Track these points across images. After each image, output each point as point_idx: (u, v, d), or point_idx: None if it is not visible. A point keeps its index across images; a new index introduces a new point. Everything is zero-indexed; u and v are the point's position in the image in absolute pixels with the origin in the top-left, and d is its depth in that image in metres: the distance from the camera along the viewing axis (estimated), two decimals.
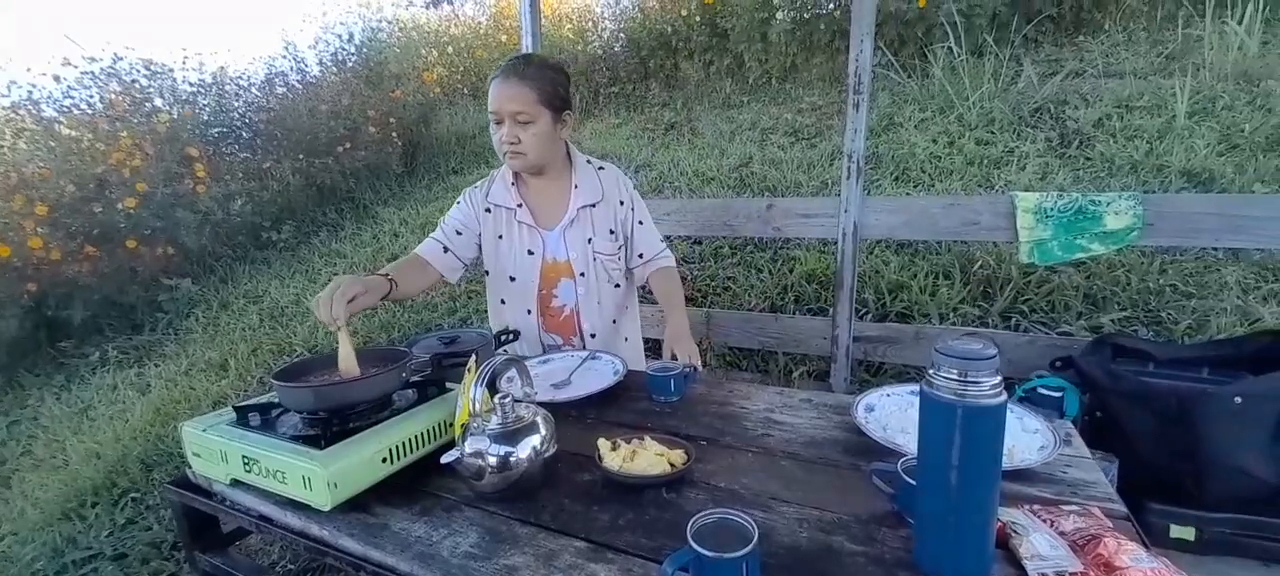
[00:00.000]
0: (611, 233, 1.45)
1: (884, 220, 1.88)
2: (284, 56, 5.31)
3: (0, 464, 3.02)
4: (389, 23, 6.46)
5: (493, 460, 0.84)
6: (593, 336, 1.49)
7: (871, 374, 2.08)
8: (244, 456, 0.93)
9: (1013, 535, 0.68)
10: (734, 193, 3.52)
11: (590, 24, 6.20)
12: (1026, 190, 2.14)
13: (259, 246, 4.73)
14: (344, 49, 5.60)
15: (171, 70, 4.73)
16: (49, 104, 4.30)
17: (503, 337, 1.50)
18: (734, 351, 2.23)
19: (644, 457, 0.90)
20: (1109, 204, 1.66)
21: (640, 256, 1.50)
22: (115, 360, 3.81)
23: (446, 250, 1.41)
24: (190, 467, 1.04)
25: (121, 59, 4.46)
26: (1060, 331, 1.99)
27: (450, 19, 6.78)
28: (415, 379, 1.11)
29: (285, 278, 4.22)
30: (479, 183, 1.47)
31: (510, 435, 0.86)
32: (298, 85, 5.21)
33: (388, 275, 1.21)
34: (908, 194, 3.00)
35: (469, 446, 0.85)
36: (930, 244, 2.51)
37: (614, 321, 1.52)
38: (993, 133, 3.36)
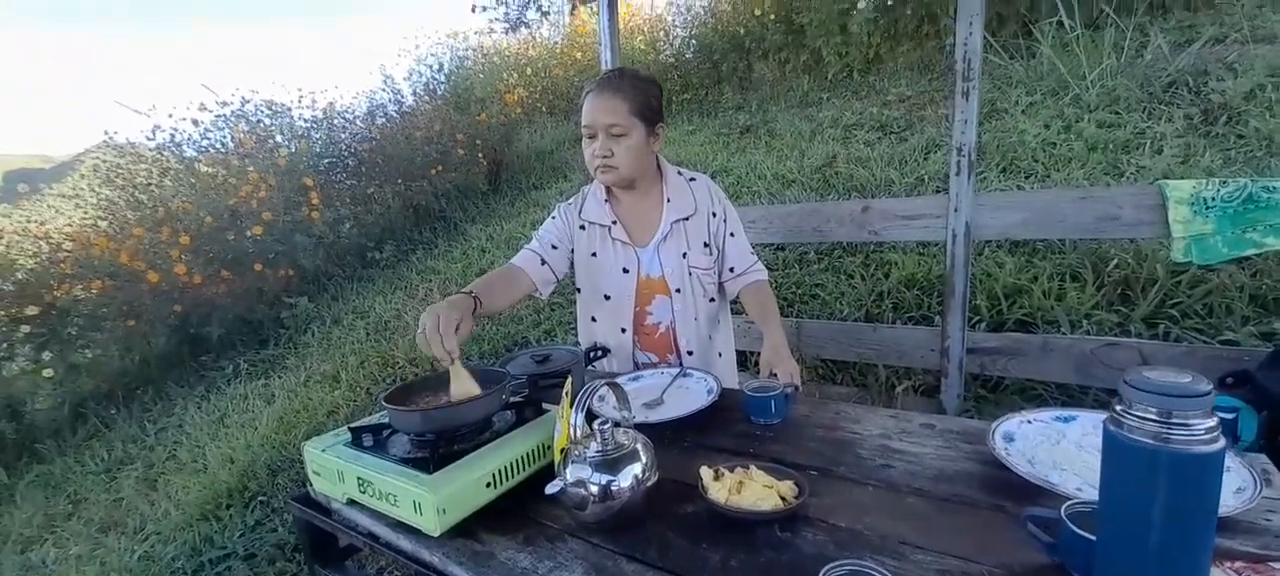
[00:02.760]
0: (705, 246, 1.41)
1: (1000, 218, 1.69)
2: (383, 89, 5.74)
3: (149, 467, 3.41)
4: (473, 50, 6.82)
5: (594, 489, 0.82)
6: (690, 353, 1.45)
7: (989, 390, 1.88)
8: (359, 477, 0.96)
9: None
10: (818, 195, 3.36)
11: (661, 33, 6.21)
12: (1166, 176, 1.86)
13: (365, 265, 5.12)
14: (434, 78, 5.97)
15: (289, 109, 5.24)
16: (189, 144, 4.89)
17: (592, 355, 1.49)
18: (828, 364, 2.09)
19: (751, 490, 0.84)
20: None
21: (732, 270, 1.45)
22: (246, 372, 4.23)
23: (543, 263, 1.41)
24: (311, 485, 1.10)
25: (248, 102, 5.00)
26: (1223, 340, 1.70)
27: (528, 42, 7.06)
28: (513, 400, 1.11)
29: (387, 294, 4.53)
30: (571, 199, 1.47)
31: (611, 463, 0.83)
32: (395, 115, 5.62)
33: (473, 293, 1.21)
34: (1019, 187, 2.72)
35: (570, 474, 0.83)
36: (1052, 243, 2.25)
37: (709, 337, 1.47)
38: (1118, 113, 2.98)
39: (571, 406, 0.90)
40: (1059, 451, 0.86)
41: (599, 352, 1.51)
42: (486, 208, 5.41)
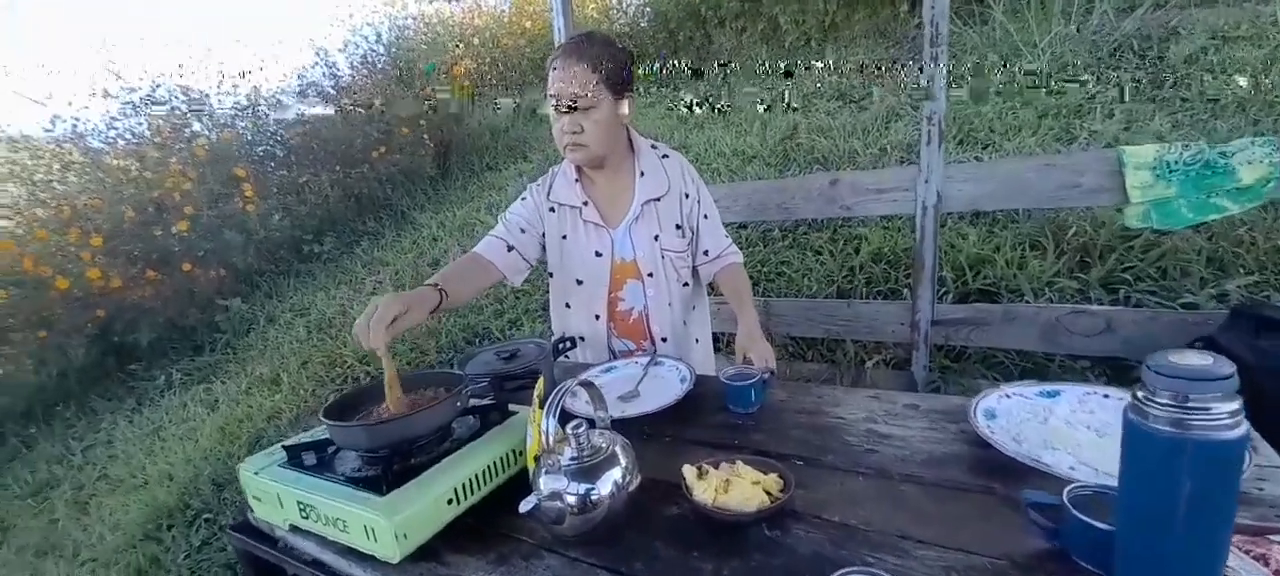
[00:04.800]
0: (678, 227, 1.33)
1: (968, 189, 1.68)
2: (316, 65, 5.35)
3: (78, 488, 3.14)
4: (413, 20, 6.43)
5: (572, 499, 0.74)
6: (664, 340, 1.38)
7: (953, 360, 1.90)
8: (299, 502, 0.86)
9: None
10: (779, 170, 3.33)
11: (615, 1, 6.02)
12: (1117, 141, 1.90)
13: (302, 260, 4.81)
14: (373, 50, 5.60)
15: (207, 95, 4.82)
16: (94, 136, 4.44)
17: (561, 347, 1.40)
18: (797, 342, 2.07)
19: (739, 487, 0.78)
20: (1240, 152, 1.42)
21: (706, 253, 1.38)
22: (180, 382, 3.94)
23: (510, 249, 1.31)
24: (251, 510, 0.98)
25: (159, 86, 4.57)
26: (1184, 303, 1.75)
27: (473, 10, 6.71)
28: (475, 403, 1.02)
29: (330, 289, 4.28)
30: (540, 178, 1.37)
31: (588, 470, 0.76)
32: (331, 92, 5.24)
33: (438, 285, 1.11)
34: (977, 158, 2.76)
35: (545, 485, 0.76)
36: (1009, 212, 2.28)
37: (684, 323, 1.41)
38: (1069, 80, 3.06)
39: (542, 410, 0.82)
40: (1048, 429, 0.84)
41: (568, 343, 1.43)
42: (437, 193, 5.17)
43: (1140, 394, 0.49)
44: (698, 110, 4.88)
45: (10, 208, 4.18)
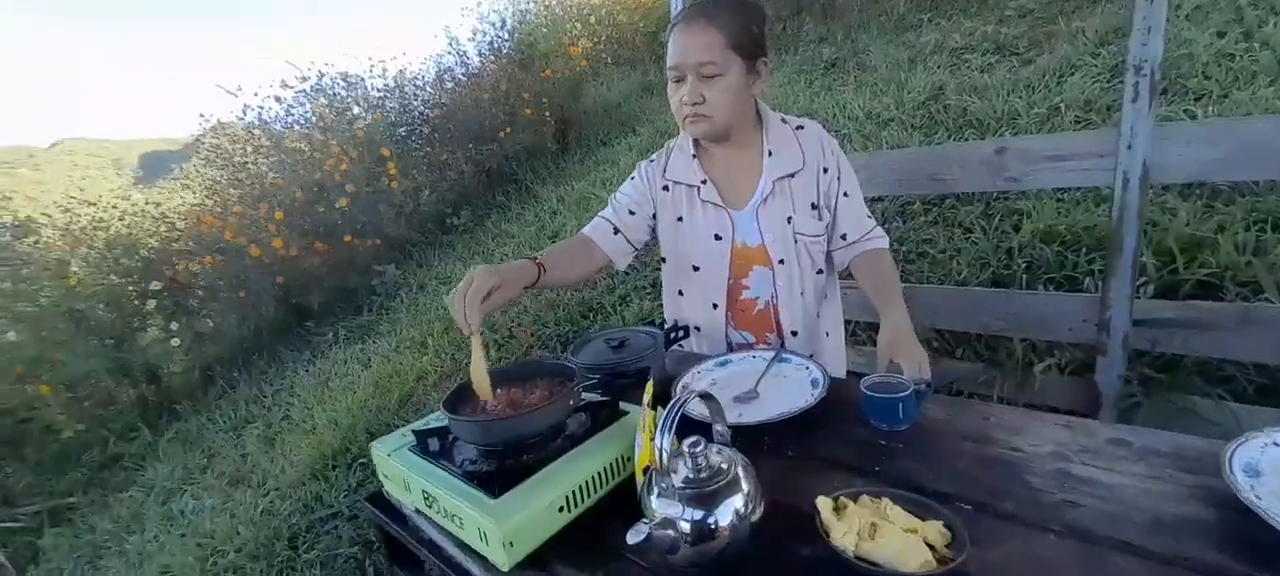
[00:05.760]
0: (814, 207, 1.17)
1: (1189, 155, 1.31)
2: (449, 52, 5.71)
3: (268, 426, 3.70)
4: (535, 3, 6.62)
5: (686, 527, 0.66)
6: (794, 334, 1.24)
7: (1160, 370, 1.52)
8: (424, 491, 0.87)
9: None
10: (923, 134, 2.94)
11: None
12: None
13: (444, 231, 5.22)
14: (498, 36, 5.85)
15: (363, 79, 5.35)
16: (277, 122, 5.13)
17: (672, 337, 1.33)
18: (944, 336, 1.80)
19: (889, 536, 0.65)
20: None
21: (844, 238, 1.21)
22: (344, 338, 4.48)
23: (617, 232, 1.25)
24: (383, 486, 1.04)
25: (324, 76, 5.14)
26: None
27: None
28: (587, 399, 0.98)
29: (466, 259, 4.60)
30: (655, 154, 1.28)
31: (707, 495, 0.67)
32: (463, 78, 5.58)
33: (538, 260, 1.07)
34: (1188, 113, 2.21)
35: (656, 508, 0.69)
36: (1238, 184, 1.79)
37: (817, 315, 1.26)
38: None
39: (654, 421, 0.75)
40: None
41: (681, 332, 1.35)
42: (557, 168, 5.32)
43: None
44: (828, 72, 4.50)
45: (208, 189, 5.01)
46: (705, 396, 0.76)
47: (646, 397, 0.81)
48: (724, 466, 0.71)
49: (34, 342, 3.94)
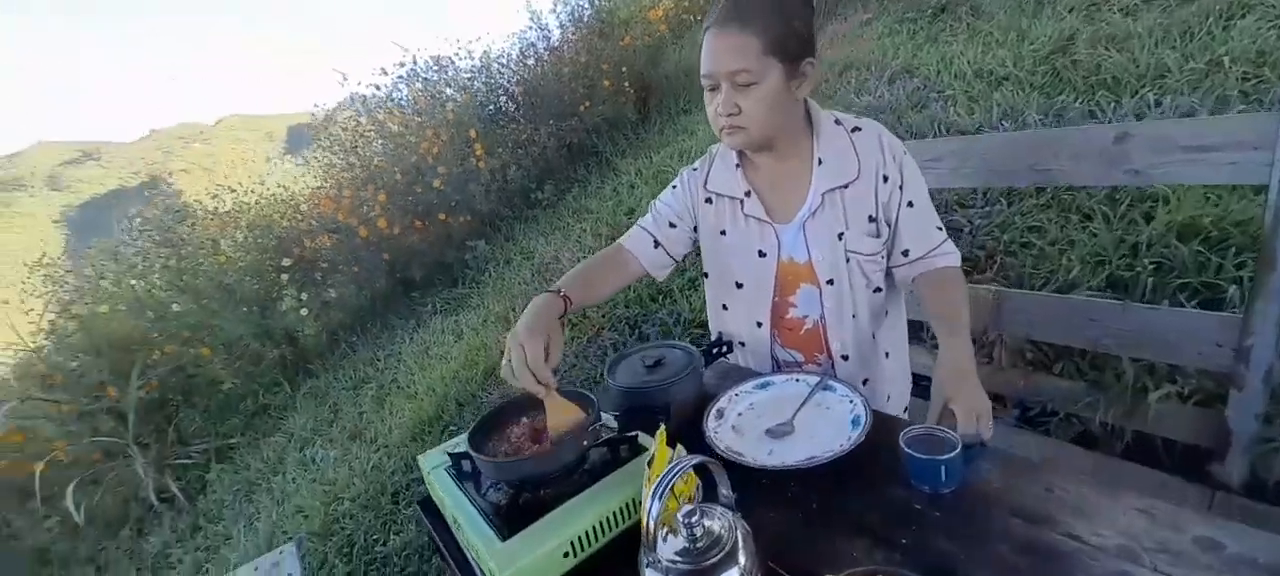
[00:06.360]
0: (871, 221, 1.06)
1: None
2: (531, 28, 5.78)
3: (380, 388, 4.12)
4: None
5: None
6: (845, 358, 1.15)
7: None
8: (453, 515, 0.93)
9: None
10: (1044, 95, 2.54)
11: None
12: None
13: (529, 205, 5.42)
14: (579, 6, 5.82)
15: (453, 61, 5.58)
16: (378, 107, 5.52)
17: (714, 351, 1.29)
18: (1039, 348, 1.56)
19: None
20: None
21: (905, 254, 1.07)
22: (442, 309, 4.86)
23: (657, 245, 1.21)
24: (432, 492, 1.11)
25: (417, 61, 5.43)
26: None
27: None
28: (606, 437, 0.97)
29: (548, 235, 4.75)
30: (698, 162, 1.21)
31: (700, 572, 0.65)
32: (544, 53, 5.65)
33: (561, 292, 1.06)
34: None
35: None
36: None
37: (872, 336, 1.15)
38: None
39: (662, 465, 0.73)
40: None
41: (725, 348, 1.30)
42: (636, 139, 5.28)
43: None
44: (936, 20, 4.03)
45: (329, 168, 5.53)
46: (707, 463, 0.72)
47: (659, 438, 0.79)
48: (722, 533, 0.68)
49: (197, 310, 4.67)
